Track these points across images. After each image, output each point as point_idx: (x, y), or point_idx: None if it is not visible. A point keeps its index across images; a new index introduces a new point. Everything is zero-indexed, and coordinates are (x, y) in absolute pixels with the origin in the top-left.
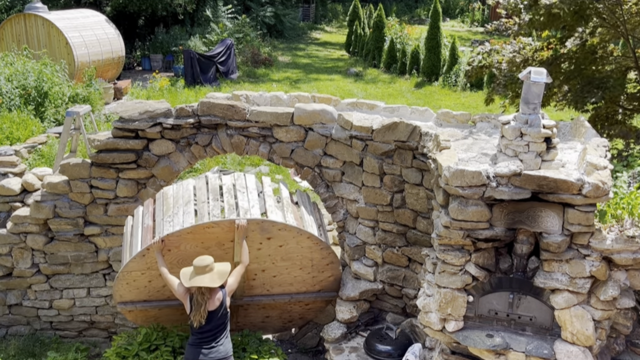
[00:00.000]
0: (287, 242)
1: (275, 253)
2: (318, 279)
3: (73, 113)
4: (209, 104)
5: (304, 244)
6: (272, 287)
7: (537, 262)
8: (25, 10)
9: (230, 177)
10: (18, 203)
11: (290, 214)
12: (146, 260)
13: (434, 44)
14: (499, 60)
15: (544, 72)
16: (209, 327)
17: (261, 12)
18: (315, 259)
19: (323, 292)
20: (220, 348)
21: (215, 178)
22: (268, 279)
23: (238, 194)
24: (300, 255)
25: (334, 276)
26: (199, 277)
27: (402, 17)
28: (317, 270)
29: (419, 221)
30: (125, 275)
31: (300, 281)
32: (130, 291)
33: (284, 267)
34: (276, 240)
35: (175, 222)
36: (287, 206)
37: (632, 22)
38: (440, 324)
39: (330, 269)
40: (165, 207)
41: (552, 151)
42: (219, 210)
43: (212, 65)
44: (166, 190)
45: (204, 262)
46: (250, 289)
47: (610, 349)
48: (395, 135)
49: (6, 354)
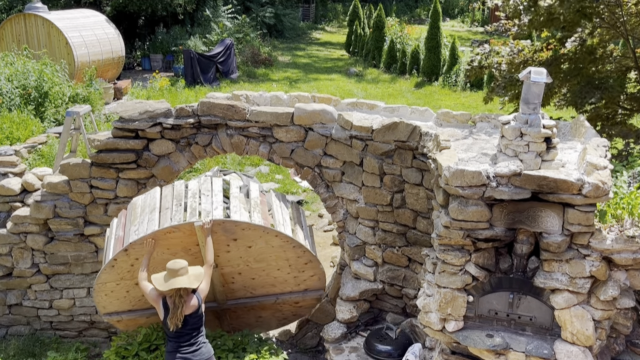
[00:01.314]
0: (255, 242)
1: (246, 255)
2: (300, 278)
3: (73, 113)
4: (209, 104)
5: (273, 243)
6: (255, 289)
7: (537, 262)
8: (25, 10)
9: (197, 181)
10: (18, 203)
11: (257, 214)
12: (117, 271)
13: (434, 44)
14: (499, 62)
15: (544, 72)
16: (186, 330)
17: (261, 12)
18: (290, 258)
19: (309, 292)
20: (203, 349)
21: (181, 184)
22: (247, 281)
23: (202, 198)
24: (273, 255)
25: (316, 275)
26: (175, 279)
27: (402, 17)
28: (296, 270)
29: (419, 221)
30: (101, 287)
31: (282, 282)
32: (112, 302)
33: (260, 269)
34: (243, 240)
35: (140, 230)
36: (254, 206)
37: (631, 22)
38: (440, 324)
39: (310, 268)
40: (133, 216)
41: (552, 151)
42: (182, 215)
43: (212, 65)
44: (135, 200)
45: (178, 264)
46: (232, 292)
47: (610, 349)
48: (395, 135)
49: (6, 354)
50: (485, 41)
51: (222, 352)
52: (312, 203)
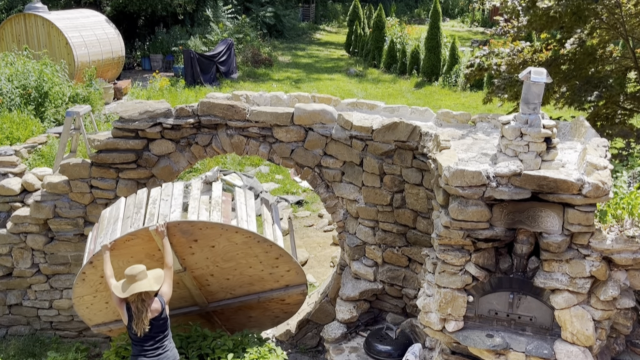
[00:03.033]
0: (217, 242)
1: (212, 255)
2: (277, 274)
3: (73, 113)
4: (209, 104)
5: (236, 239)
6: (234, 290)
7: (537, 262)
8: (25, 10)
9: (158, 188)
10: (18, 203)
11: (217, 212)
12: (89, 285)
13: (434, 44)
14: (498, 63)
15: (544, 72)
16: (150, 334)
17: (261, 12)
18: (258, 254)
19: (291, 287)
20: (168, 354)
21: (144, 192)
22: (223, 282)
23: (161, 203)
24: (240, 252)
25: (293, 269)
26: (134, 284)
27: (402, 17)
28: (269, 266)
29: (419, 221)
30: (79, 301)
31: (258, 280)
32: (95, 314)
33: (231, 268)
34: (204, 241)
35: (104, 241)
36: (215, 205)
37: (631, 23)
38: (440, 324)
39: (283, 263)
40: (100, 228)
41: (552, 151)
42: (140, 221)
43: (212, 65)
44: (103, 212)
45: (136, 269)
46: (211, 295)
47: (610, 349)
48: (395, 135)
49: (6, 354)
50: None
51: (222, 352)
52: (312, 203)
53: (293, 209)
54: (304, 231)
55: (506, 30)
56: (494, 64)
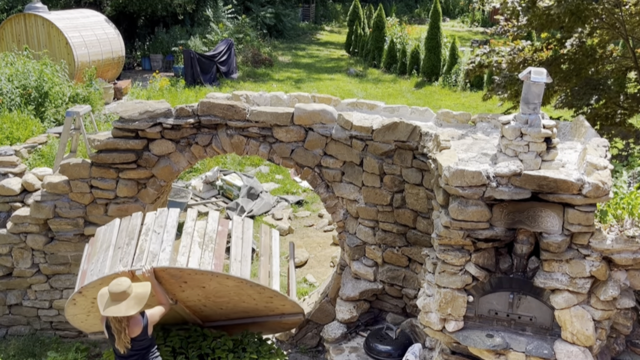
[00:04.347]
0: (208, 284)
1: (203, 293)
2: (272, 307)
3: (73, 113)
4: (209, 104)
5: (228, 283)
6: (229, 315)
7: (537, 262)
8: (25, 10)
9: (153, 214)
10: (18, 203)
11: (209, 253)
12: (81, 307)
13: (434, 44)
14: (498, 61)
15: (544, 72)
16: (133, 352)
17: (261, 12)
18: (251, 294)
19: (287, 315)
20: None
21: (138, 217)
22: (217, 311)
23: (153, 236)
24: (232, 292)
25: (287, 304)
26: (111, 307)
27: (402, 17)
28: (262, 302)
29: (419, 221)
30: (73, 318)
31: (252, 309)
32: (91, 326)
33: (224, 302)
34: (194, 282)
35: (94, 271)
36: (208, 242)
37: (631, 23)
38: (440, 324)
39: (277, 299)
40: (93, 250)
41: (552, 151)
42: (131, 256)
43: (213, 65)
44: (98, 231)
45: (120, 287)
46: (206, 318)
47: (610, 349)
48: (395, 135)
49: (6, 354)
50: (485, 41)
51: (222, 352)
52: (312, 203)
53: (293, 209)
54: (304, 231)
55: (506, 30)
56: (495, 61)
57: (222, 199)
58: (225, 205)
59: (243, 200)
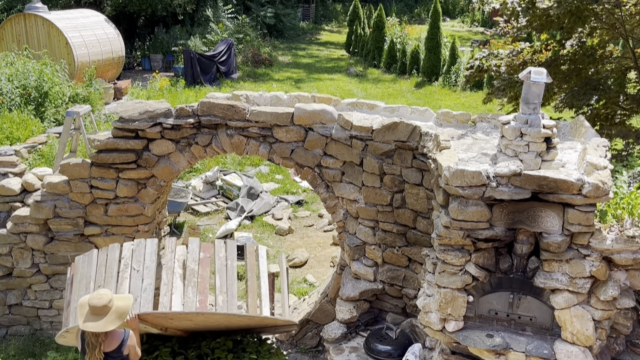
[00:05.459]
0: (194, 319)
1: (191, 323)
2: (263, 323)
3: (73, 113)
4: (209, 104)
5: (214, 316)
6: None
7: (537, 262)
8: (25, 10)
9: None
10: (18, 203)
11: (192, 288)
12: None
13: (434, 44)
14: (498, 64)
15: (544, 72)
16: None
17: (261, 12)
18: (242, 321)
19: (283, 327)
20: None
21: (115, 249)
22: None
23: (132, 274)
24: (222, 319)
25: (279, 322)
26: (88, 323)
27: (402, 17)
28: (254, 322)
29: (419, 221)
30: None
31: (245, 325)
32: None
33: (214, 325)
34: (180, 317)
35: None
36: (190, 277)
37: (631, 23)
38: (440, 324)
39: (270, 322)
40: (74, 282)
41: (552, 151)
42: None
43: (213, 65)
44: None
45: (100, 300)
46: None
47: (610, 349)
48: (395, 135)
49: (6, 354)
50: (485, 41)
51: (221, 353)
52: (312, 203)
53: (293, 209)
54: (304, 231)
55: (506, 31)
56: (494, 65)
57: (222, 199)
58: (225, 205)
59: (243, 200)
